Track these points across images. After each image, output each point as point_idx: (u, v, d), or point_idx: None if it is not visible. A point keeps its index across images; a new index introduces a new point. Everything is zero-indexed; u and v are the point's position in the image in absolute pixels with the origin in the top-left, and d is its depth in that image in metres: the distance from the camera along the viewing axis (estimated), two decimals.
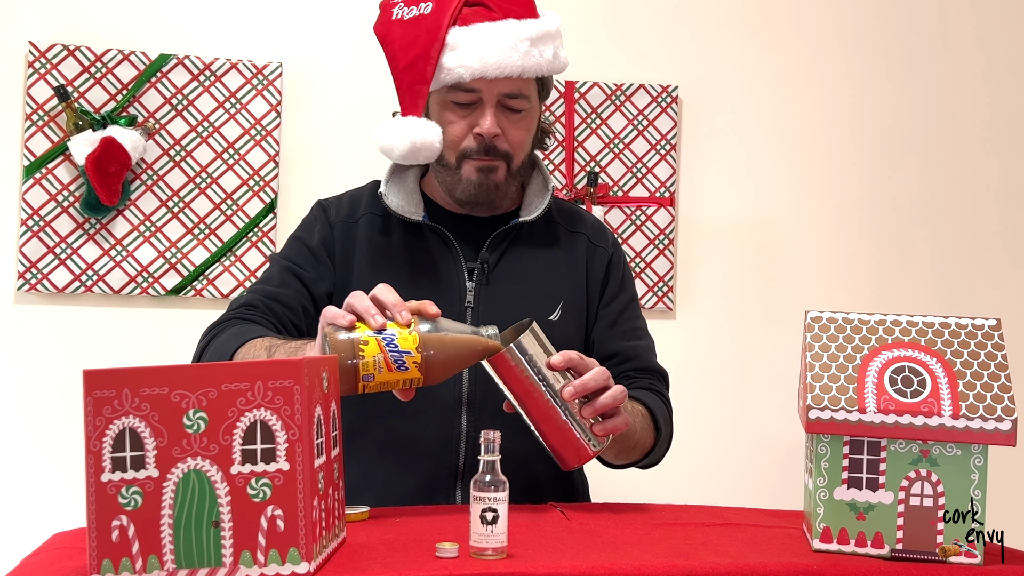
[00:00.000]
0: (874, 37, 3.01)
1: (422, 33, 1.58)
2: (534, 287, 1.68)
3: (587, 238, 1.76)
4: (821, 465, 1.19)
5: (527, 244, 1.70)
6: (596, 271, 1.74)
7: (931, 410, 1.15)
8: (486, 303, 1.65)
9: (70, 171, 2.64)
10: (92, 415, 1.01)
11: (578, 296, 1.71)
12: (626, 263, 1.80)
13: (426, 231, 1.68)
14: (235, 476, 1.01)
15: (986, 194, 3.04)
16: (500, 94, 1.60)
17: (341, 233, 1.69)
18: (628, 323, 1.75)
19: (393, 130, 1.62)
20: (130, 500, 1.01)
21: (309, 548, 1.01)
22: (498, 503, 1.10)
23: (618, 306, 1.74)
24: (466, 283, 1.65)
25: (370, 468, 1.62)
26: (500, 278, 1.67)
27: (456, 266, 1.66)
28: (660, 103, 2.90)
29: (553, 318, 1.66)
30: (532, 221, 1.70)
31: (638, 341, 1.75)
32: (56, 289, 2.62)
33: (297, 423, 1.01)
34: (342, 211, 1.71)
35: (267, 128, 2.73)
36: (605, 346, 1.72)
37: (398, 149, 1.61)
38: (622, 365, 1.71)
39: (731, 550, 1.19)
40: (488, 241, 1.67)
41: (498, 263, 1.67)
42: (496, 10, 1.59)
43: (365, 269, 1.65)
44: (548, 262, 1.71)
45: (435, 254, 1.66)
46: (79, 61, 2.65)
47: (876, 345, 1.22)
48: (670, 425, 1.69)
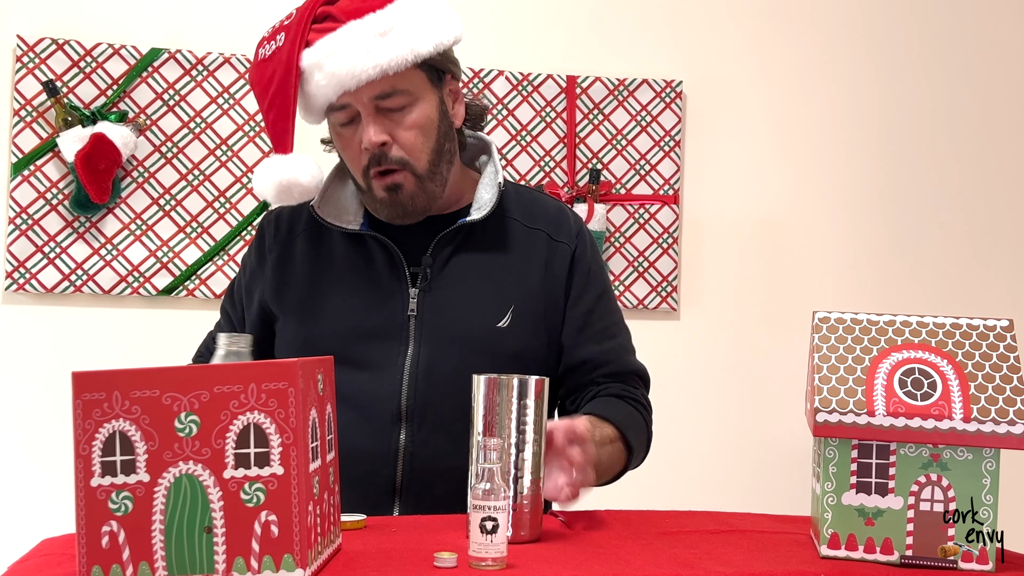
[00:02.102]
0: (882, 32, 3.01)
1: (277, 67, 1.55)
2: (481, 292, 1.61)
3: (546, 235, 1.66)
4: (829, 469, 1.19)
5: (477, 246, 1.63)
6: (558, 270, 1.65)
7: (942, 413, 1.15)
8: (430, 311, 1.59)
9: (59, 168, 2.64)
10: (81, 418, 1.00)
11: (534, 300, 1.63)
12: (594, 253, 1.72)
13: (368, 240, 1.63)
14: (228, 481, 1.00)
15: (997, 192, 3.04)
16: (371, 99, 1.54)
17: (277, 254, 1.66)
18: (598, 323, 1.67)
19: (262, 171, 1.58)
20: (120, 505, 1.01)
21: (304, 554, 1.01)
22: (498, 512, 1.10)
23: (585, 306, 1.67)
24: (409, 290, 1.60)
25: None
26: (444, 284, 1.61)
27: (398, 272, 1.61)
28: (664, 98, 2.90)
29: (501, 325, 1.60)
30: (485, 218, 1.63)
31: (610, 341, 1.68)
32: (45, 289, 2.62)
33: (292, 426, 1.01)
34: (281, 230, 1.68)
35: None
36: (574, 353, 1.65)
37: (268, 192, 1.58)
38: (593, 372, 1.65)
39: (736, 558, 1.19)
40: (432, 244, 1.62)
41: (444, 267, 1.61)
42: (340, 18, 1.54)
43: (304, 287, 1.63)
44: (499, 264, 1.64)
45: (376, 262, 1.62)
46: (68, 55, 2.65)
47: (885, 346, 1.22)
48: (646, 433, 1.66)
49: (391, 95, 1.54)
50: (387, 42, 1.52)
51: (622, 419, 1.60)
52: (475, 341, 1.57)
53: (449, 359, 1.53)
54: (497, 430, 1.23)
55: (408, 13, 1.55)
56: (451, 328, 1.58)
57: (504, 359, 1.56)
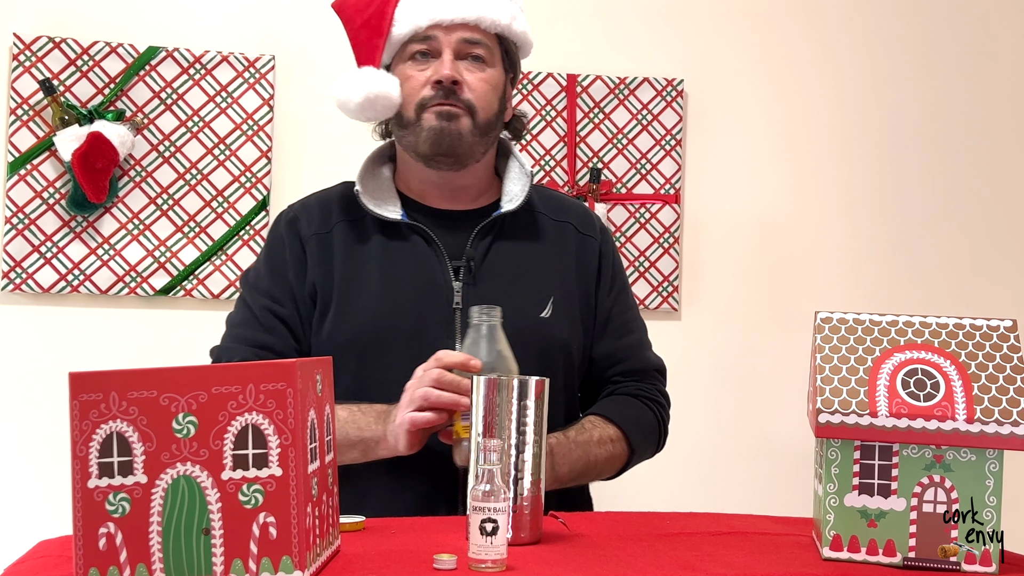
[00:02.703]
0: (886, 29, 3.01)
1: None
2: (523, 284, 1.65)
3: (574, 227, 1.73)
4: (831, 471, 1.19)
5: (512, 237, 1.68)
6: (588, 264, 1.71)
7: (945, 414, 1.15)
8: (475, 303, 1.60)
9: (56, 167, 2.64)
10: (78, 419, 1.00)
11: (569, 291, 1.68)
12: (615, 249, 1.78)
13: (405, 230, 1.65)
14: (226, 482, 1.00)
15: (1001, 191, 3.04)
16: (458, 40, 1.60)
17: (315, 247, 1.65)
18: (619, 318, 1.73)
19: (348, 83, 1.62)
20: (118, 507, 1.01)
21: (303, 556, 1.01)
22: (498, 513, 1.10)
23: (608, 301, 1.72)
24: (452, 283, 1.63)
25: (365, 485, 1.60)
26: (487, 276, 1.64)
27: (441, 265, 1.63)
28: (665, 97, 2.90)
29: (544, 315, 1.64)
30: (515, 212, 1.67)
31: (628, 336, 1.73)
32: (41, 289, 2.62)
33: (290, 427, 1.01)
34: (313, 222, 1.67)
35: (259, 123, 2.73)
36: (593, 348, 1.71)
37: (354, 101, 1.62)
38: (610, 369, 1.71)
39: (738, 560, 1.19)
40: (472, 236, 1.65)
41: (484, 259, 1.65)
42: None
43: (345, 280, 1.63)
44: (535, 255, 1.68)
45: (418, 255, 1.64)
46: (65, 54, 2.65)
47: (888, 347, 1.22)
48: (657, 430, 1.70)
49: (477, 44, 1.62)
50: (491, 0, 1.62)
51: (628, 420, 1.64)
52: (521, 332, 1.58)
53: None
54: (497, 431, 1.23)
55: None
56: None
57: (550, 349, 1.62)
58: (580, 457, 1.57)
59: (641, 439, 1.66)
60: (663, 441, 1.74)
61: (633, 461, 1.67)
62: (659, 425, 1.71)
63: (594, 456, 1.59)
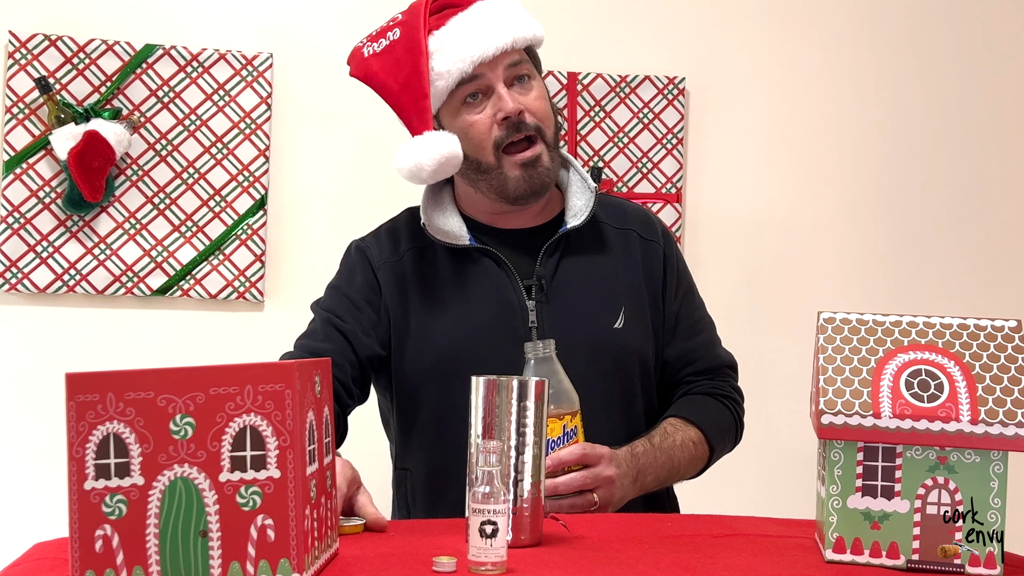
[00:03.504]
0: (888, 28, 3.01)
1: (402, 55, 1.62)
2: (594, 296, 1.68)
3: (637, 234, 1.75)
4: (834, 472, 1.19)
5: (578, 251, 1.70)
6: (654, 269, 1.74)
7: (949, 415, 1.15)
8: (550, 320, 1.64)
9: (52, 166, 2.64)
10: (75, 420, 1.00)
11: (639, 299, 1.71)
12: (678, 251, 1.81)
13: (475, 254, 1.67)
14: (224, 484, 1.00)
15: (1006, 191, 3.04)
16: (505, 68, 1.62)
17: (388, 275, 1.68)
18: (686, 320, 1.77)
19: (415, 150, 1.61)
20: (114, 509, 1.01)
21: (301, 559, 1.01)
22: (498, 516, 1.10)
23: (676, 304, 1.76)
24: (526, 302, 1.65)
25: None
26: (559, 292, 1.67)
27: (513, 286, 1.66)
28: (666, 95, 2.90)
29: (618, 326, 1.67)
30: (580, 225, 1.69)
31: (698, 336, 1.78)
32: (37, 289, 2.62)
33: (288, 429, 1.01)
34: (384, 251, 1.70)
35: (257, 121, 2.73)
36: (665, 351, 1.74)
37: (428, 167, 1.61)
38: (683, 370, 1.75)
39: (740, 563, 1.19)
40: (540, 255, 1.67)
41: (554, 276, 1.67)
42: (461, 4, 1.64)
43: (421, 307, 1.66)
44: (603, 267, 1.71)
45: (489, 277, 1.67)
46: (61, 52, 2.65)
47: (891, 347, 1.22)
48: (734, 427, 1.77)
49: (519, 64, 1.64)
50: (512, 19, 1.64)
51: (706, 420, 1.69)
52: (597, 345, 1.64)
53: (576, 366, 1.53)
54: (496, 432, 1.23)
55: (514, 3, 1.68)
56: (573, 335, 1.62)
57: (626, 359, 1.66)
58: (665, 463, 1.61)
59: (719, 437, 1.71)
60: (740, 435, 1.81)
61: (714, 459, 1.72)
62: (735, 420, 1.77)
63: (677, 460, 1.63)
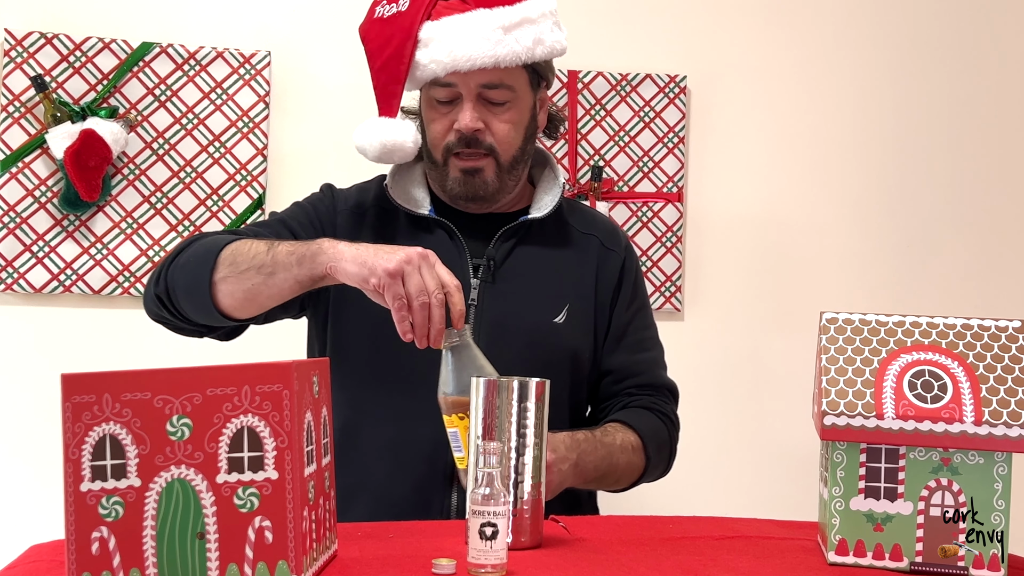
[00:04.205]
0: (893, 24, 3.01)
1: (396, 31, 1.64)
2: (540, 287, 1.70)
3: (599, 241, 1.77)
4: (837, 474, 1.19)
5: (536, 242, 1.72)
6: (609, 277, 1.75)
7: (952, 416, 1.15)
8: (491, 301, 1.66)
9: (48, 165, 2.64)
10: (71, 421, 1.00)
11: (586, 301, 1.73)
12: (639, 268, 1.83)
13: (433, 225, 1.70)
14: (221, 485, 1.01)
15: (1010, 189, 3.04)
16: (478, 86, 1.63)
17: (347, 221, 1.72)
18: (636, 334, 1.77)
19: (366, 131, 1.68)
20: (111, 511, 1.01)
21: (299, 561, 1.01)
22: (497, 518, 1.10)
23: (626, 316, 1.76)
24: (471, 280, 1.67)
25: (365, 470, 1.63)
26: (506, 276, 1.69)
27: (462, 262, 1.68)
28: (668, 94, 2.90)
29: (558, 321, 1.68)
30: (543, 219, 1.72)
31: (645, 353, 1.77)
32: (33, 289, 2.62)
33: (286, 429, 1.01)
34: (350, 201, 1.75)
35: (255, 120, 2.73)
36: (608, 360, 1.74)
37: (370, 151, 1.68)
38: (625, 381, 1.73)
39: (742, 565, 1.19)
40: (496, 237, 1.70)
41: (505, 260, 1.70)
42: (469, 1, 1.64)
43: None
44: (556, 262, 1.73)
45: (440, 249, 1.67)
46: (57, 50, 2.65)
47: (895, 348, 1.22)
48: (668, 447, 1.73)
49: (497, 87, 1.64)
50: (509, 38, 1.62)
51: (647, 430, 1.67)
52: (533, 334, 1.65)
53: (507, 351, 1.56)
54: (497, 433, 1.23)
55: (534, 14, 1.66)
56: (511, 320, 1.64)
57: (559, 355, 1.66)
58: (605, 457, 1.60)
59: (657, 451, 1.68)
60: (672, 460, 1.76)
61: (647, 473, 1.69)
62: (671, 442, 1.74)
63: (616, 459, 1.62)
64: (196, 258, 1.54)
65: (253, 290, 1.49)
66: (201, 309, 1.55)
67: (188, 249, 1.58)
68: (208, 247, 1.54)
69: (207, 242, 1.57)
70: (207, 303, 1.52)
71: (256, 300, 1.51)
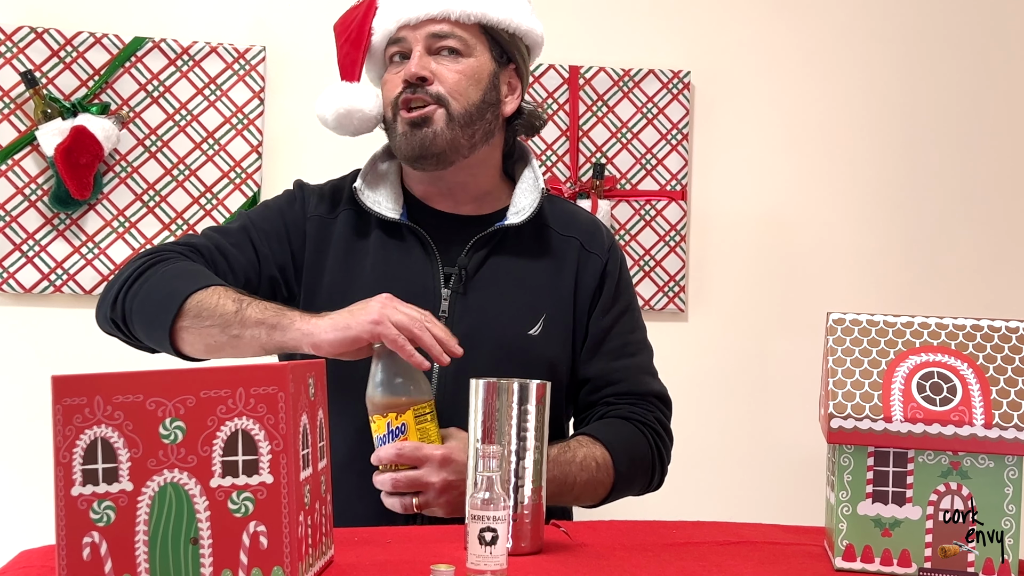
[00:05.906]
0: (898, 19, 3.01)
1: (359, 7, 1.69)
2: (515, 298, 1.65)
3: (579, 243, 1.72)
4: (844, 478, 1.19)
5: (512, 250, 1.68)
6: (587, 281, 1.70)
7: (962, 419, 1.15)
8: (461, 313, 1.62)
9: (38, 163, 2.64)
10: (61, 424, 1.00)
11: (564, 310, 1.68)
12: (623, 268, 1.77)
13: (405, 231, 1.67)
14: (215, 490, 1.00)
15: (1021, 187, 3.04)
16: (426, 35, 1.64)
17: (315, 228, 1.69)
18: (617, 340, 1.71)
19: (325, 97, 1.70)
20: (102, 515, 1.01)
21: (294, 566, 1.01)
22: (497, 522, 1.10)
23: (607, 321, 1.71)
24: (441, 290, 1.64)
25: None
26: (479, 286, 1.65)
27: (433, 271, 1.65)
28: (671, 90, 2.90)
29: (533, 333, 1.64)
30: (520, 225, 1.67)
31: (627, 359, 1.71)
32: (23, 289, 2.62)
33: (282, 433, 1.01)
34: (322, 205, 1.71)
35: (249, 116, 2.73)
36: (584, 368, 1.69)
37: (330, 117, 1.69)
38: (603, 390, 1.68)
39: (747, 571, 1.19)
40: (469, 245, 1.66)
41: (479, 270, 1.65)
42: None
43: (337, 270, 1.66)
44: (533, 271, 1.68)
45: (412, 257, 1.65)
46: (48, 45, 2.65)
47: (903, 349, 1.22)
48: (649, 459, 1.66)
49: (447, 36, 1.64)
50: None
51: (616, 442, 1.61)
52: (506, 347, 1.61)
53: (479, 364, 1.51)
54: (497, 437, 1.23)
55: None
56: (482, 333, 1.60)
57: (534, 367, 1.59)
58: (555, 478, 1.51)
59: (628, 464, 1.61)
60: (659, 476, 1.70)
61: (619, 488, 1.63)
62: (653, 453, 1.66)
63: (573, 478, 1.55)
64: (157, 297, 1.54)
65: (216, 346, 1.53)
66: (159, 345, 1.59)
67: (146, 278, 1.56)
68: (170, 289, 1.53)
69: (167, 274, 1.55)
70: (166, 345, 1.56)
71: (218, 354, 1.55)
